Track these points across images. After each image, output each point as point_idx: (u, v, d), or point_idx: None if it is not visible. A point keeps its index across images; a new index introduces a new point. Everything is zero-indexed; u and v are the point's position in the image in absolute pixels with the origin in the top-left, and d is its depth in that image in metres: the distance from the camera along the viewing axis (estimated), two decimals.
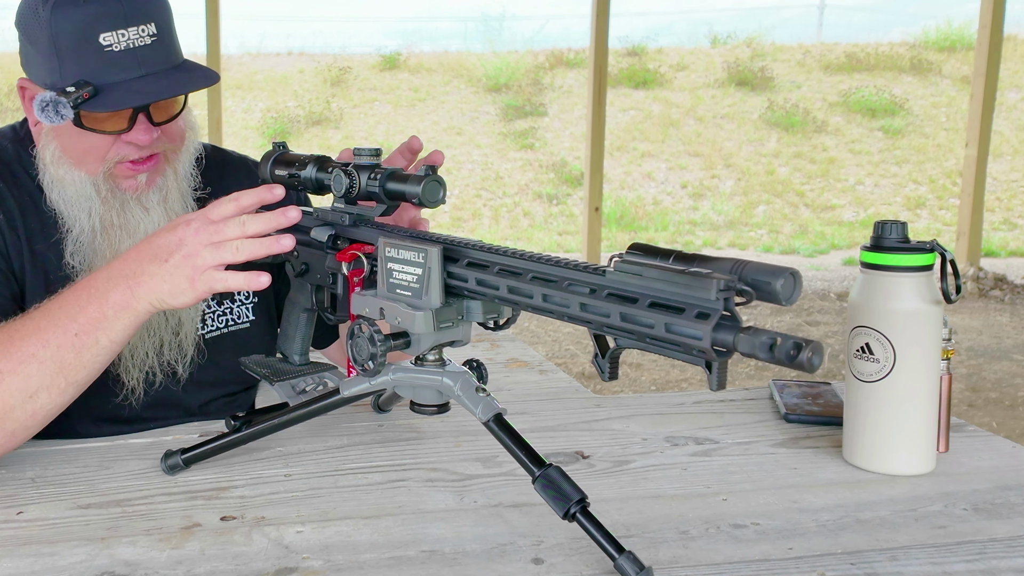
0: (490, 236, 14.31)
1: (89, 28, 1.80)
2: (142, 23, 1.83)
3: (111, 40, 1.80)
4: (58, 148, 1.91)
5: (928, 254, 1.64)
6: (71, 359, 1.64)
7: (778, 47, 20.89)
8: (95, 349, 1.65)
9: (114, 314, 1.63)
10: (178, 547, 1.41)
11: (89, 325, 1.64)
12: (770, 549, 1.40)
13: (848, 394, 1.72)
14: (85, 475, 1.69)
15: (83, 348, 1.64)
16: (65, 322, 1.64)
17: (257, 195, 1.61)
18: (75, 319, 1.64)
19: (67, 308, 1.65)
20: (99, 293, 1.64)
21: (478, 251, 1.39)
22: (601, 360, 1.26)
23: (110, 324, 1.64)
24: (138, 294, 1.62)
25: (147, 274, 1.61)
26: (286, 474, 1.68)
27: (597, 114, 10.86)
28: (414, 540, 1.43)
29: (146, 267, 1.61)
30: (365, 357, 1.47)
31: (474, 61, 20.05)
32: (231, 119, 16.89)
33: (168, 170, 1.97)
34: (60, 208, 1.93)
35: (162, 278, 1.60)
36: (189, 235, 1.59)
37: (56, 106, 1.78)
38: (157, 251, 1.61)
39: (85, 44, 1.80)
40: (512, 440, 1.42)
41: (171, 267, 1.59)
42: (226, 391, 2.19)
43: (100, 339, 1.65)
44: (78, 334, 1.64)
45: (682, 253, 1.17)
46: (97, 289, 1.64)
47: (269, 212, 1.59)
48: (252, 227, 1.58)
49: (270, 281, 1.57)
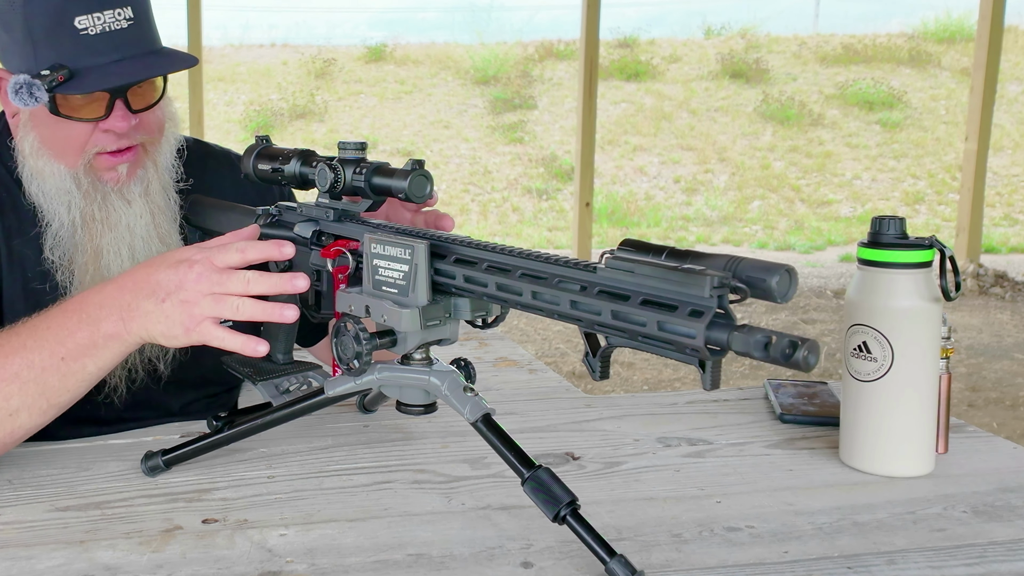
0: (478, 232, 14.31)
1: (64, 11, 1.80)
2: (118, 6, 1.82)
3: (87, 23, 1.80)
4: (37, 139, 1.90)
5: (927, 250, 1.64)
6: (55, 383, 1.64)
7: (773, 38, 20.90)
8: (81, 375, 1.65)
9: (104, 343, 1.62)
10: (159, 550, 1.41)
11: (77, 351, 1.63)
12: (765, 553, 1.40)
13: (845, 394, 1.72)
14: (63, 477, 1.69)
15: (69, 373, 1.64)
16: (53, 345, 1.63)
17: (265, 251, 1.56)
18: (63, 343, 1.63)
19: (55, 330, 1.64)
20: (90, 320, 1.62)
21: (466, 247, 1.39)
22: (592, 359, 1.27)
23: (99, 353, 1.63)
24: (130, 328, 1.60)
25: (142, 311, 1.58)
26: (269, 476, 1.68)
27: (588, 107, 10.86)
28: (400, 543, 1.43)
29: (142, 303, 1.58)
30: (350, 356, 1.47)
31: (462, 53, 20.03)
32: (213, 112, 16.85)
33: (148, 162, 1.97)
34: (39, 201, 1.93)
35: (156, 319, 1.57)
36: (191, 280, 1.55)
37: (30, 88, 1.78)
38: (155, 288, 1.57)
39: (60, 28, 1.80)
40: (501, 441, 1.42)
41: (168, 309, 1.56)
42: (208, 391, 2.19)
43: (87, 365, 1.64)
44: (65, 358, 1.63)
45: (675, 249, 1.17)
46: (89, 316, 1.62)
47: (277, 276, 1.55)
48: (256, 287, 1.54)
49: (267, 351, 1.55)
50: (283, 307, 1.54)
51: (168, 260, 1.60)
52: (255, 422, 1.69)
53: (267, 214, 1.79)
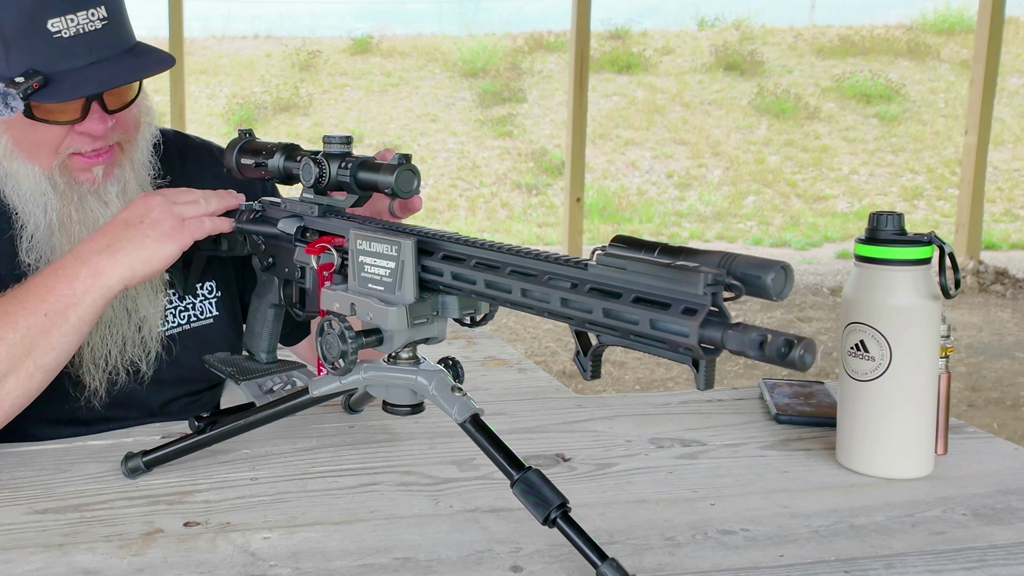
0: (466, 228, 14.31)
1: (36, 14, 1.78)
2: (92, 6, 1.81)
3: (60, 26, 1.79)
4: (10, 141, 1.90)
5: (926, 247, 1.64)
6: (41, 340, 1.69)
7: (768, 30, 20.93)
8: (65, 328, 1.70)
9: (84, 290, 1.69)
10: (139, 554, 1.40)
11: (59, 304, 1.69)
12: (760, 556, 1.40)
13: (842, 394, 1.73)
14: (41, 479, 1.69)
15: (52, 327, 1.69)
16: (34, 303, 1.69)
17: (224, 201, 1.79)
18: (44, 299, 1.69)
19: (35, 290, 1.70)
20: (68, 272, 1.70)
21: (454, 244, 1.39)
22: (583, 358, 1.27)
23: (80, 300, 1.69)
24: (112, 264, 1.68)
25: (124, 239, 1.69)
26: (252, 477, 1.68)
27: (578, 100, 10.86)
28: (386, 547, 1.43)
29: (120, 235, 1.70)
30: (335, 355, 1.47)
31: (449, 44, 20.04)
32: (195, 105, 16.85)
33: (124, 160, 1.97)
34: (14, 203, 1.92)
35: (137, 244, 1.68)
36: (155, 204, 1.71)
37: (5, 98, 1.77)
38: (128, 220, 1.71)
39: (32, 31, 1.79)
40: (489, 442, 1.42)
41: (145, 230, 1.70)
42: (189, 390, 2.19)
43: (70, 316, 1.70)
44: (47, 314, 1.69)
45: (668, 246, 1.17)
46: (66, 269, 1.70)
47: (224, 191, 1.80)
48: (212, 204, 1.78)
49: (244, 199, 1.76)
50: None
51: (128, 204, 1.77)
52: (238, 423, 1.69)
53: (250, 209, 1.79)
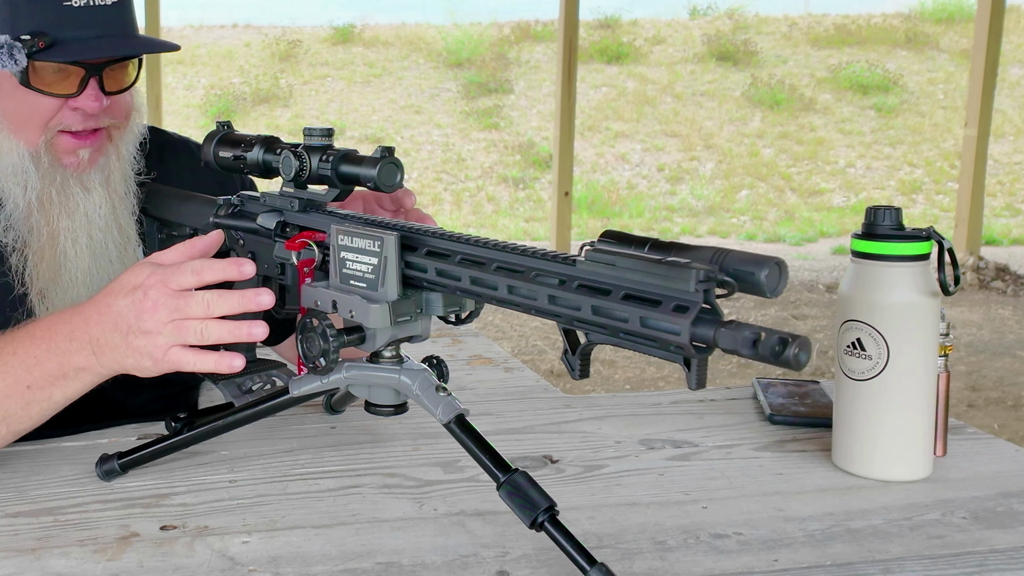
0: (452, 223, 14.30)
1: None
2: None
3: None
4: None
5: (924, 242, 1.64)
6: (18, 411, 1.66)
7: (762, 19, 20.94)
8: (46, 404, 1.66)
9: (75, 375, 1.63)
10: (114, 558, 1.41)
11: (45, 380, 1.64)
12: (753, 561, 1.41)
13: (838, 394, 1.73)
14: (14, 481, 1.69)
15: (33, 402, 1.65)
16: (19, 372, 1.64)
17: (223, 271, 1.55)
18: (30, 371, 1.64)
19: (22, 357, 1.64)
20: (60, 351, 1.62)
21: (438, 239, 1.39)
22: (571, 357, 1.27)
23: (68, 383, 1.64)
24: (103, 362, 1.60)
25: (111, 345, 1.58)
26: (231, 480, 1.68)
27: (567, 91, 10.85)
28: (369, 551, 1.43)
29: (109, 336, 1.58)
30: (316, 354, 1.47)
31: (434, 34, 20.02)
32: (172, 97, 16.81)
33: (111, 149, 1.97)
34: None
35: (124, 353, 1.57)
36: (147, 309, 1.53)
37: (11, 50, 1.79)
38: (117, 321, 1.57)
39: None
40: (475, 443, 1.43)
41: (133, 342, 1.55)
42: (165, 390, 2.18)
43: (54, 395, 1.65)
44: (31, 387, 1.64)
45: (659, 241, 1.18)
46: (58, 347, 1.63)
47: (239, 294, 1.53)
48: (218, 309, 1.53)
49: (243, 365, 1.54)
50: (251, 325, 1.52)
51: (124, 286, 1.58)
52: (216, 424, 1.69)
53: (228, 204, 1.78)
